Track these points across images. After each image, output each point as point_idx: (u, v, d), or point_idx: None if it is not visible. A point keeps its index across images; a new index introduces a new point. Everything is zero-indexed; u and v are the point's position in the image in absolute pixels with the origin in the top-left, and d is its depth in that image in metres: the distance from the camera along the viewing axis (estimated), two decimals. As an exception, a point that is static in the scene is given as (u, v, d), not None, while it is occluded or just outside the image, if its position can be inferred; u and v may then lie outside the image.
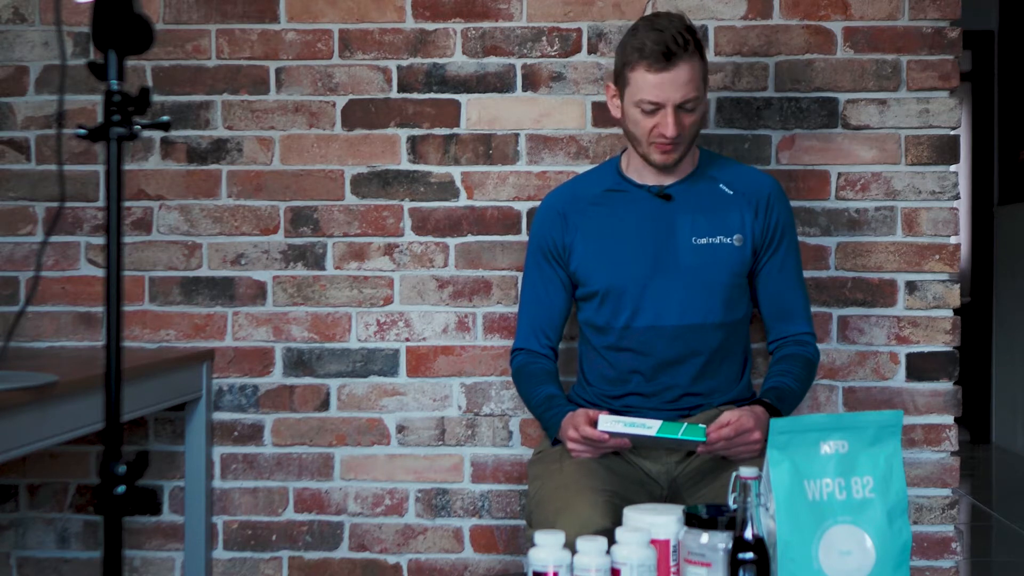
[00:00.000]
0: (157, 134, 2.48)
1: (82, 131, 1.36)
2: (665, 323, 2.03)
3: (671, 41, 1.91)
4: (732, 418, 1.87)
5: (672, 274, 2.03)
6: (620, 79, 2.01)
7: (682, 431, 1.84)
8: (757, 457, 1.88)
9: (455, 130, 2.46)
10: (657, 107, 1.95)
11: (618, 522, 1.61)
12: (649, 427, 1.85)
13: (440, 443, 2.46)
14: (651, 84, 1.93)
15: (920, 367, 2.41)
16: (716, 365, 2.07)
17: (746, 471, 1.44)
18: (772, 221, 2.09)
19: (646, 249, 2.05)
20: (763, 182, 2.12)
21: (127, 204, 2.48)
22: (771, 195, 2.10)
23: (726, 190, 2.08)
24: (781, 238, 2.10)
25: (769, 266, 2.10)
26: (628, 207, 2.09)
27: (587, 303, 2.12)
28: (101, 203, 2.49)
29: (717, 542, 1.47)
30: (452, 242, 2.46)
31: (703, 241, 2.04)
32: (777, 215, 2.09)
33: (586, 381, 2.15)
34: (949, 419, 2.41)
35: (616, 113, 2.06)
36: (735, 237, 2.05)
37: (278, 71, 2.48)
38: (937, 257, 2.41)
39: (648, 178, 2.09)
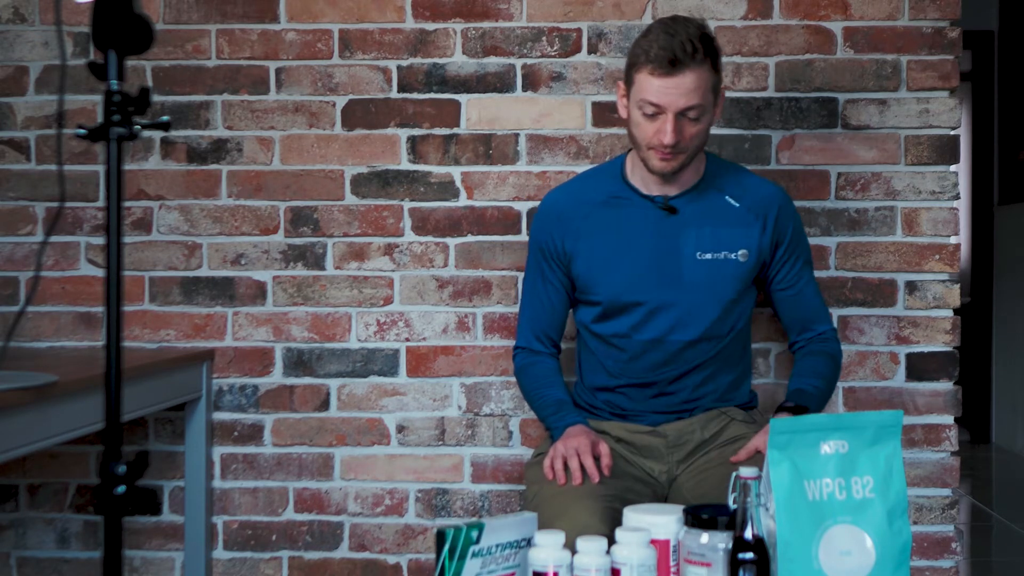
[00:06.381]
0: (157, 134, 2.48)
1: (82, 131, 1.36)
2: (668, 337, 2.01)
3: (679, 47, 1.85)
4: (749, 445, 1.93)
5: (676, 289, 2.01)
6: (628, 78, 1.95)
7: None
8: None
9: (455, 130, 2.46)
10: (658, 111, 1.89)
11: (616, 527, 1.60)
12: None
13: (440, 443, 2.46)
14: (654, 88, 1.88)
15: (920, 367, 2.41)
16: (716, 374, 2.06)
17: (746, 471, 1.44)
18: (783, 235, 2.06)
19: (650, 263, 2.01)
20: (770, 194, 2.08)
21: (127, 204, 2.48)
22: (780, 208, 2.06)
23: (732, 203, 2.04)
24: (794, 249, 2.08)
25: (786, 280, 2.09)
26: (632, 218, 2.04)
27: (587, 309, 2.09)
28: (101, 203, 2.49)
29: (717, 542, 1.47)
30: (452, 242, 2.46)
31: (708, 256, 2.01)
32: (788, 228, 2.07)
33: (584, 383, 2.15)
34: (949, 419, 2.41)
35: (624, 112, 2.00)
36: (740, 252, 2.02)
37: (278, 71, 2.48)
38: (937, 257, 2.41)
39: (653, 187, 2.04)
